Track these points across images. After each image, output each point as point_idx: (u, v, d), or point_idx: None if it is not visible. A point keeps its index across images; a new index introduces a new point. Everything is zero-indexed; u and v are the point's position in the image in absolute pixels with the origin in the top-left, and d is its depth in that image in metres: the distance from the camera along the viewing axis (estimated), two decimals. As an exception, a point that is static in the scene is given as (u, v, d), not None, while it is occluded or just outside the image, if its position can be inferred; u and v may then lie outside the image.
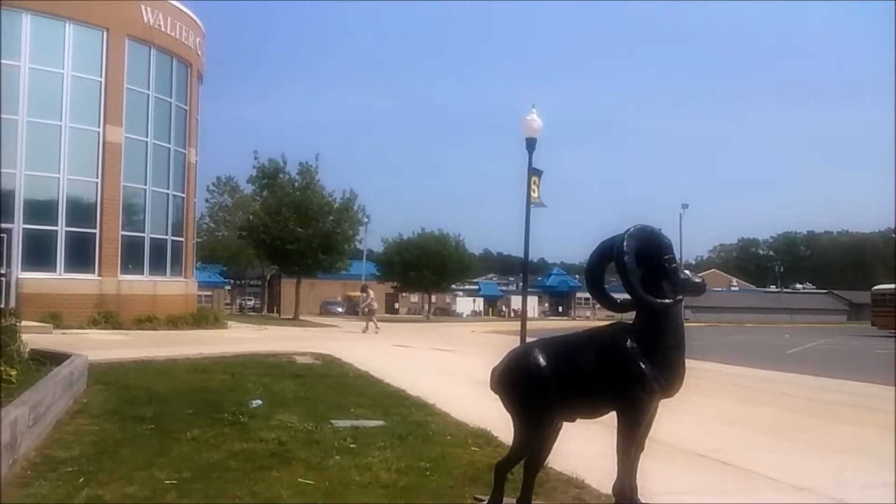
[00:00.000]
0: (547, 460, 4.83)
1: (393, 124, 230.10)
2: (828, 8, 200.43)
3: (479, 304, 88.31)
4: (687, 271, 4.61)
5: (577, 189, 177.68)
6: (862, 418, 10.68)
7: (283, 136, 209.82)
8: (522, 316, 16.77)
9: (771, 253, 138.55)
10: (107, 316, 24.86)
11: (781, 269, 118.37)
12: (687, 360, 4.51)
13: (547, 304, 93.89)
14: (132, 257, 27.58)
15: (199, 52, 32.22)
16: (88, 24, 26.31)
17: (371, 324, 32.04)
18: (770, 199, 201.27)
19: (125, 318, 25.17)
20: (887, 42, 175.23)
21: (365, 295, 35.20)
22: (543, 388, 4.38)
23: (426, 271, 60.90)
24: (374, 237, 75.01)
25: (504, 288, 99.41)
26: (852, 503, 5.82)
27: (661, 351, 4.34)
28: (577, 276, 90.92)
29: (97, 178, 26.52)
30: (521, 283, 23.63)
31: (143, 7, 27.80)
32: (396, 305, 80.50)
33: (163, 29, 28.77)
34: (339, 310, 71.42)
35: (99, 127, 26.57)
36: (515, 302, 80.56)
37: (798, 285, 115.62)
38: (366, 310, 34.41)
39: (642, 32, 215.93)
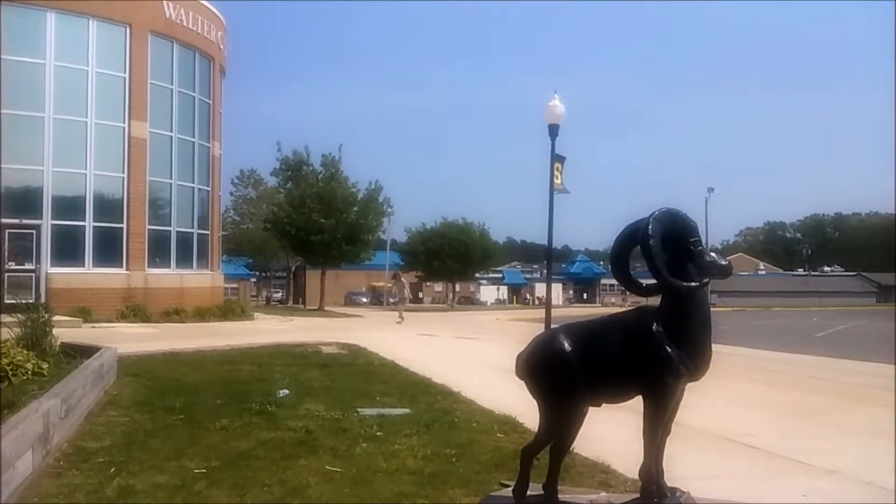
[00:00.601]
0: (573, 445, 4.82)
1: (415, 114, 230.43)
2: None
3: (504, 292, 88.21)
4: (713, 254, 4.56)
5: (601, 175, 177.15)
6: (891, 401, 10.56)
7: (306, 128, 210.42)
8: (547, 303, 16.77)
9: (798, 236, 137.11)
10: (135, 309, 25.13)
11: (809, 252, 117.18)
12: (714, 345, 4.48)
13: (571, 292, 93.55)
14: (159, 251, 27.85)
15: (221, 46, 32.37)
16: (111, 21, 26.49)
17: (398, 312, 31.92)
18: (797, 182, 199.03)
19: (153, 311, 25.44)
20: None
21: (396, 283, 35.11)
22: (569, 373, 4.35)
23: (450, 260, 60.92)
24: (397, 227, 74.97)
25: (528, 276, 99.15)
26: (882, 485, 5.76)
27: (687, 334, 4.30)
28: (601, 263, 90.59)
29: (123, 173, 26.77)
30: (545, 271, 23.49)
31: (165, 3, 27.96)
32: (420, 294, 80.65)
33: (185, 24, 28.92)
34: (364, 300, 71.72)
35: (124, 122, 26.80)
36: (540, 290, 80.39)
37: (826, 268, 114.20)
38: (397, 299, 34.43)
39: (667, 23, 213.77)
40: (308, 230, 44.08)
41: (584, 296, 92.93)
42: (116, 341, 13.45)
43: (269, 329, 24.20)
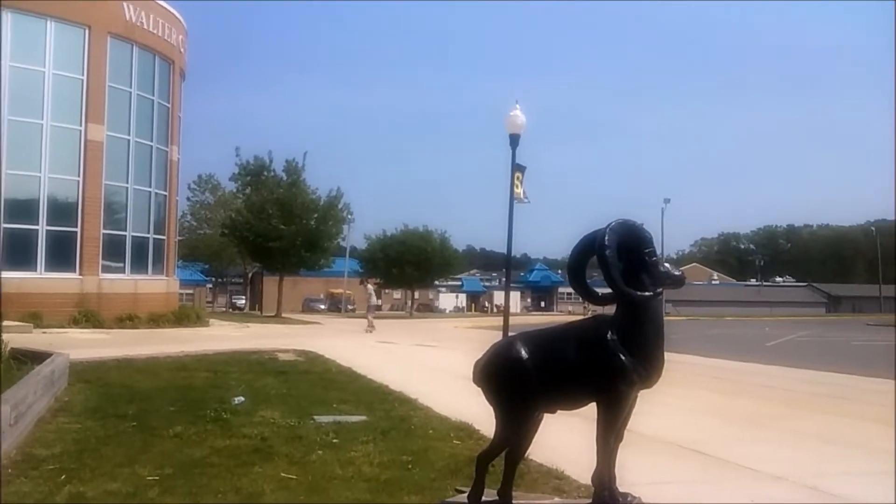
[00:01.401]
0: (528, 452, 4.88)
1: (378, 121, 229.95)
2: (805, 6, 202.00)
3: (462, 300, 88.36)
4: (667, 264, 4.66)
5: (560, 185, 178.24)
6: (839, 408, 10.84)
7: (266, 134, 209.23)
8: (505, 311, 16.86)
9: (751, 247, 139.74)
10: (87, 315, 24.70)
11: (762, 263, 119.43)
12: (667, 353, 4.58)
13: (530, 300, 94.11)
14: (113, 256, 27.41)
15: (182, 50, 32.03)
16: (70, 22, 26.06)
17: (367, 319, 30.84)
18: (752, 194, 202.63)
19: (106, 316, 25.02)
20: (869, 34, 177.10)
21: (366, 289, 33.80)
22: (525, 380, 4.42)
23: (409, 267, 60.86)
24: (357, 234, 74.76)
25: (487, 284, 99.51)
26: (829, 491, 5.91)
27: (640, 343, 4.39)
28: (559, 272, 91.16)
29: (79, 176, 26.33)
30: (504, 279, 23.58)
31: (125, 4, 27.59)
32: (379, 302, 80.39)
33: (145, 26, 28.56)
34: (322, 307, 71.33)
35: (80, 125, 26.36)
36: (498, 297, 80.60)
37: (778, 278, 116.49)
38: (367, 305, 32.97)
39: (625, 30, 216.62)
40: (267, 236, 43.77)
41: (543, 304, 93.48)
42: (68, 347, 13.21)
43: (224, 336, 23.96)
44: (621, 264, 4.41)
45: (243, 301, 73.09)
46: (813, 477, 6.30)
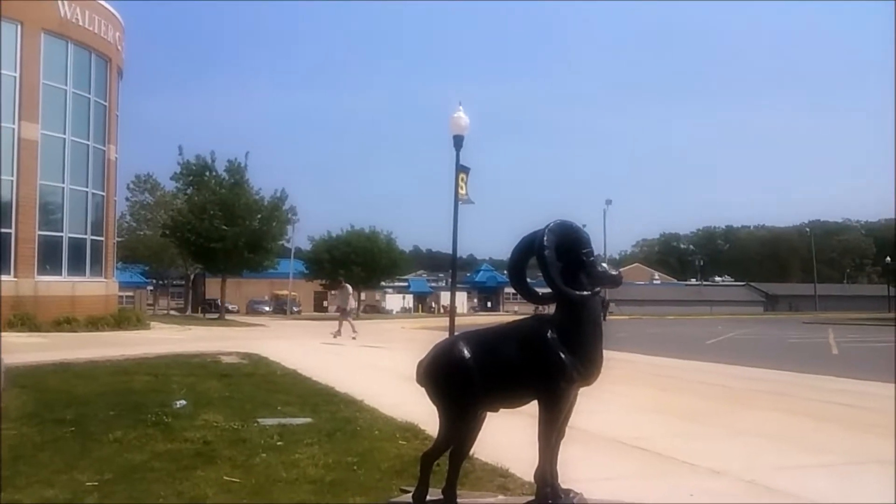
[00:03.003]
0: (472, 450, 4.93)
1: (322, 121, 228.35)
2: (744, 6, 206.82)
3: (409, 300, 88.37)
4: (605, 264, 4.75)
5: (505, 186, 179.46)
6: (774, 404, 11.14)
7: (207, 133, 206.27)
8: (451, 311, 16.88)
9: (691, 247, 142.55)
10: (23, 318, 24.06)
11: (701, 263, 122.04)
12: (609, 351, 4.67)
13: (476, 300, 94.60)
14: (50, 257, 26.76)
15: (119, 47, 31.42)
16: (2, 18, 25.34)
17: (346, 324, 25.54)
18: (691, 196, 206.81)
19: (43, 319, 24.42)
20: (815, 30, 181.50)
21: (340, 290, 27.71)
22: (468, 379, 4.46)
23: (355, 268, 60.61)
24: (301, 235, 74.20)
25: (434, 284, 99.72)
26: (765, 484, 6.08)
27: (579, 341, 4.46)
28: (505, 272, 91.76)
29: (12, 176, 25.64)
30: (450, 280, 23.54)
31: (59, 2, 26.96)
32: (325, 303, 79.89)
33: (80, 23, 27.96)
34: (267, 308, 70.60)
35: (14, 123, 25.67)
36: (445, 298, 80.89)
37: (717, 278, 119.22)
38: (342, 309, 26.98)
39: (565, 31, 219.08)
40: (209, 237, 43.17)
41: (489, 304, 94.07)
42: (3, 352, 12.81)
43: (166, 338, 23.56)
44: (560, 264, 4.48)
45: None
46: (750, 471, 6.48)
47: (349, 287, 28.11)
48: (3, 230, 25.25)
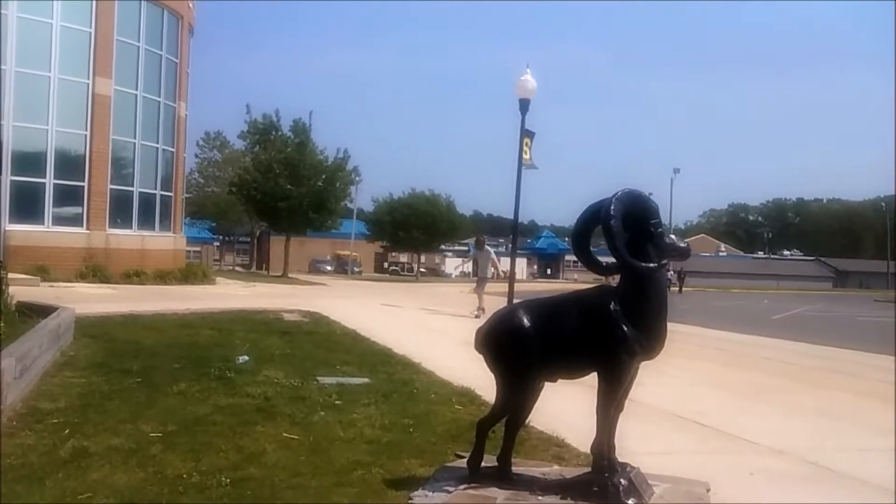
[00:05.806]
0: (528, 419, 4.90)
1: (387, 83, 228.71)
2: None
3: (468, 265, 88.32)
4: (672, 236, 4.63)
5: (569, 152, 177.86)
6: (841, 383, 10.84)
7: (274, 92, 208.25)
8: (511, 278, 16.85)
9: (760, 219, 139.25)
10: (94, 270, 24.82)
11: (770, 236, 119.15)
12: (672, 324, 4.56)
13: (536, 267, 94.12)
14: (121, 211, 27.49)
15: (191, 5, 31.78)
16: (77, -24, 25.87)
17: (478, 295, 20.75)
18: (762, 166, 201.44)
19: (113, 272, 25.14)
20: (884, 8, 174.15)
21: (481, 253, 22.47)
22: (527, 348, 4.42)
23: (416, 231, 60.85)
24: (364, 196, 74.64)
25: (494, 250, 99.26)
26: (827, 466, 5.93)
27: (644, 314, 4.37)
28: (566, 239, 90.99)
29: (86, 130, 26.30)
30: (510, 245, 22.98)
31: (133, -41, 27.33)
32: (385, 265, 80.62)
33: (153, -20, 28.32)
34: (329, 268, 71.49)
35: (88, 79, 26.26)
36: (504, 264, 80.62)
37: (786, 252, 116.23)
38: (482, 275, 21.82)
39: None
40: (274, 196, 43.72)
41: (549, 271, 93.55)
42: (74, 301, 13.27)
43: (230, 294, 24.06)
44: (626, 234, 4.37)
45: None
46: (813, 451, 6.31)
47: (491, 250, 22.79)
48: (77, 183, 26.01)
